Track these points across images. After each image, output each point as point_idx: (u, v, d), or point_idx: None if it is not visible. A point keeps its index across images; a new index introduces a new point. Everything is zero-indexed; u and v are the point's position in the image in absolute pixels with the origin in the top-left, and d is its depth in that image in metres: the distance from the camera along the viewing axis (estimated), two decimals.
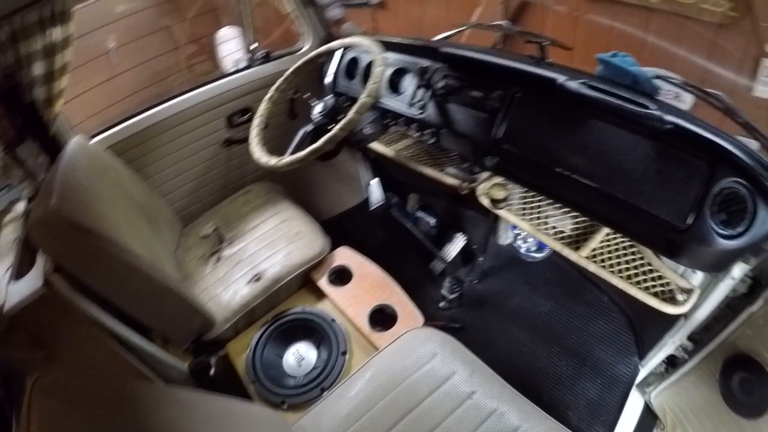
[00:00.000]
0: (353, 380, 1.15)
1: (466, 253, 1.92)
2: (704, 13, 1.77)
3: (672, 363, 1.43)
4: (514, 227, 1.88)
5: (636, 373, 1.55)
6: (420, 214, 1.90)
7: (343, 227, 2.19)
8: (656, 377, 1.48)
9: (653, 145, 0.98)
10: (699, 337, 1.29)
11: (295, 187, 1.99)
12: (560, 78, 1.08)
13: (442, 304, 1.81)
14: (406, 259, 1.81)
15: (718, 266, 1.04)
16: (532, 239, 1.86)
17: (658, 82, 1.11)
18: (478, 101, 1.22)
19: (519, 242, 1.89)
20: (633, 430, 1.48)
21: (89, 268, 1.07)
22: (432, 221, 1.88)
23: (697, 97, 1.14)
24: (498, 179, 1.38)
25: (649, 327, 1.58)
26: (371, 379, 1.13)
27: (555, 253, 1.73)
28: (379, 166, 1.82)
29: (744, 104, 1.90)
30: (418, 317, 1.45)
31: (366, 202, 1.67)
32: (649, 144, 0.99)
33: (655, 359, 1.47)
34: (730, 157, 0.92)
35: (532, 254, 1.87)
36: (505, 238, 1.94)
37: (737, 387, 1.23)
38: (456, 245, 1.88)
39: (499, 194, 1.30)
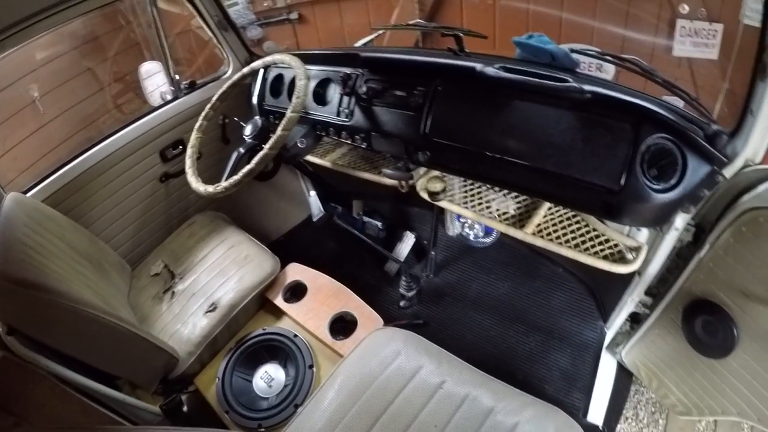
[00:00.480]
0: (324, 391, 1.16)
1: (418, 250, 1.98)
2: None
3: (635, 320, 1.48)
4: (459, 217, 1.93)
5: (603, 336, 1.61)
6: (366, 219, 1.94)
7: (293, 244, 2.21)
8: (623, 336, 1.52)
9: (577, 116, 1.02)
10: (656, 291, 1.33)
11: (239, 212, 1.99)
12: (478, 66, 1.11)
13: (402, 303, 1.83)
14: (360, 265, 1.84)
15: (659, 220, 1.08)
16: (478, 225, 1.92)
17: (576, 56, 1.16)
18: (403, 100, 1.26)
19: (467, 230, 1.95)
20: (611, 390, 1.53)
21: (43, 325, 1.06)
22: (379, 224, 1.92)
23: (614, 65, 1.22)
24: (434, 172, 1.41)
25: (607, 290, 1.63)
26: (341, 387, 1.15)
27: (504, 235, 1.74)
28: (320, 178, 1.83)
29: (667, 65, 2.04)
30: (378, 319, 1.48)
31: (307, 221, 1.69)
32: (573, 115, 1.02)
33: (618, 319, 1.52)
34: (652, 115, 0.96)
35: (481, 240, 1.92)
36: (452, 228, 1.99)
37: (701, 331, 1.26)
38: (407, 244, 1.95)
39: (437, 186, 1.34)
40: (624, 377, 1.57)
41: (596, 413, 1.49)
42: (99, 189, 1.65)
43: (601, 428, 1.46)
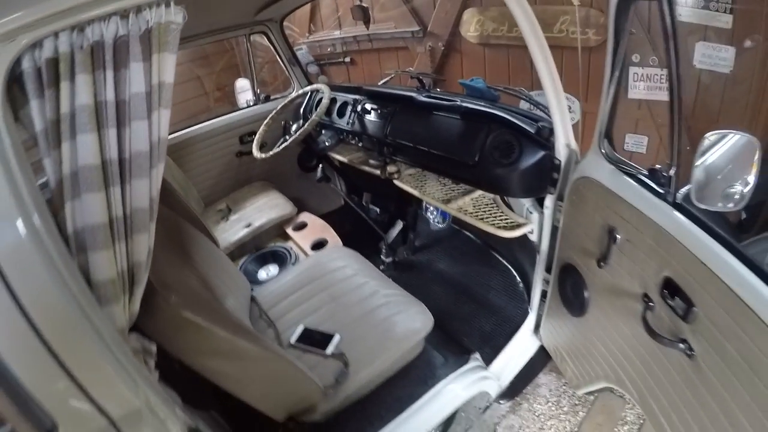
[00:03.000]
0: (292, 270, 1.87)
1: (404, 234, 2.52)
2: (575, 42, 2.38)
3: (544, 298, 1.66)
4: (429, 207, 2.53)
5: (526, 315, 1.83)
6: (371, 206, 2.66)
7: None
8: (542, 318, 1.71)
9: (461, 122, 1.62)
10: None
11: (291, 192, 2.71)
12: (414, 95, 1.88)
13: (381, 267, 2.33)
14: (364, 240, 2.39)
15: (516, 189, 1.46)
16: (435, 211, 2.44)
17: (494, 91, 1.80)
18: (378, 115, 2.03)
19: (428, 214, 2.50)
20: (519, 356, 1.76)
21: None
22: (378, 210, 2.63)
23: (507, 94, 1.81)
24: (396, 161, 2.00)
25: (531, 279, 1.82)
26: (302, 271, 1.81)
27: (454, 222, 2.37)
28: (344, 174, 2.61)
29: (628, 107, 2.28)
30: (340, 243, 2.21)
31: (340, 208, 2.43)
32: (460, 122, 1.63)
33: (535, 299, 1.73)
34: (498, 119, 1.50)
35: (437, 224, 2.48)
36: (432, 221, 2.54)
37: (570, 293, 1.43)
38: (396, 229, 2.50)
39: (393, 169, 2.01)
40: (541, 357, 1.79)
41: (498, 367, 1.72)
42: (195, 152, 2.57)
43: (474, 352, 1.72)
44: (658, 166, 1.07)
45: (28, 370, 0.69)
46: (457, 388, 1.50)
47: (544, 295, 1.66)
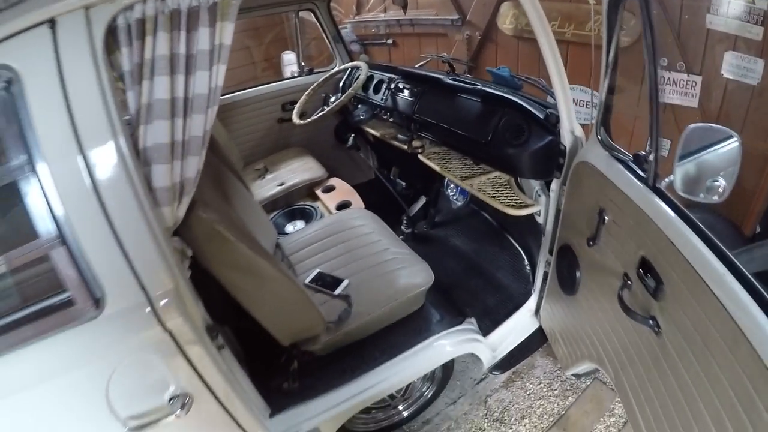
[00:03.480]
0: (315, 224, 2.09)
1: (425, 209, 2.63)
2: None
3: (546, 279, 1.73)
4: (449, 184, 2.67)
5: (529, 295, 1.91)
6: (398, 180, 2.86)
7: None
8: (542, 301, 1.78)
9: (480, 105, 1.79)
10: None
11: (325, 161, 2.87)
12: (443, 78, 2.05)
13: (400, 237, 2.47)
14: (388, 211, 2.40)
15: (525, 170, 1.58)
16: (455, 188, 2.51)
17: (518, 81, 1.93)
18: (409, 93, 2.21)
19: (449, 191, 2.59)
20: (516, 332, 1.86)
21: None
22: (404, 184, 2.82)
23: (528, 83, 1.91)
24: (421, 136, 2.15)
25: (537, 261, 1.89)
26: (324, 226, 2.01)
27: (474, 202, 2.49)
28: (376, 149, 2.78)
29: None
30: (363, 207, 2.40)
31: (370, 182, 2.61)
32: (479, 105, 1.80)
33: (537, 280, 1.80)
34: (511, 104, 1.66)
35: (457, 202, 2.57)
36: (452, 200, 2.67)
37: (565, 272, 1.49)
38: (419, 203, 2.64)
39: (418, 143, 2.18)
40: (538, 338, 1.89)
41: (495, 339, 1.82)
42: (240, 115, 2.79)
43: (468, 317, 1.80)
44: (642, 152, 1.18)
45: (95, 247, 0.90)
46: (447, 344, 1.63)
47: (546, 277, 1.74)
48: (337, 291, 1.59)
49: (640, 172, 1.18)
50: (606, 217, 1.28)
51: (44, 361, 0.94)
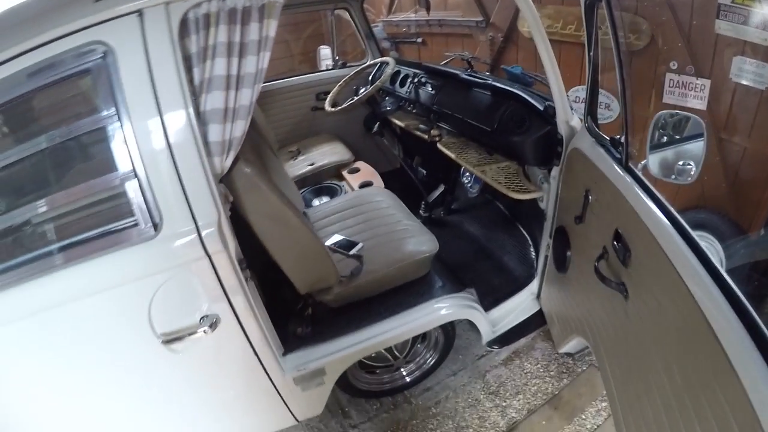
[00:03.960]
0: (338, 198, 2.33)
1: (443, 197, 2.80)
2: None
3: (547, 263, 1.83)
4: (465, 173, 2.84)
5: (532, 278, 2.03)
6: (419, 168, 3.07)
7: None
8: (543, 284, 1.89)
9: (489, 97, 2.02)
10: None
11: (353, 148, 3.12)
12: (459, 72, 2.28)
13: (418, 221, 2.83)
14: (408, 196, 2.48)
15: (527, 156, 1.76)
16: (470, 177, 2.70)
17: (529, 78, 2.12)
18: (431, 87, 2.44)
19: (464, 179, 2.77)
20: (516, 311, 1.98)
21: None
22: (424, 172, 3.02)
23: (535, 80, 2.09)
24: (440, 126, 2.38)
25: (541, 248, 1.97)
26: (346, 200, 2.22)
27: (487, 191, 2.63)
28: (401, 140, 3.01)
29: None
30: (382, 185, 2.64)
31: (394, 171, 2.85)
32: (488, 96, 2.03)
33: (539, 263, 1.92)
34: (514, 96, 1.87)
35: (471, 189, 2.76)
36: (469, 188, 2.86)
37: (559, 252, 1.59)
38: (438, 191, 2.80)
39: (435, 132, 2.41)
40: (537, 320, 2.00)
41: (496, 316, 1.96)
42: (278, 102, 3.08)
43: (469, 288, 1.93)
44: (617, 136, 1.37)
45: (160, 181, 1.13)
46: (442, 306, 1.77)
47: (547, 260, 1.85)
48: (352, 252, 1.83)
49: (616, 154, 1.36)
50: (590, 197, 1.42)
51: (107, 272, 1.17)
